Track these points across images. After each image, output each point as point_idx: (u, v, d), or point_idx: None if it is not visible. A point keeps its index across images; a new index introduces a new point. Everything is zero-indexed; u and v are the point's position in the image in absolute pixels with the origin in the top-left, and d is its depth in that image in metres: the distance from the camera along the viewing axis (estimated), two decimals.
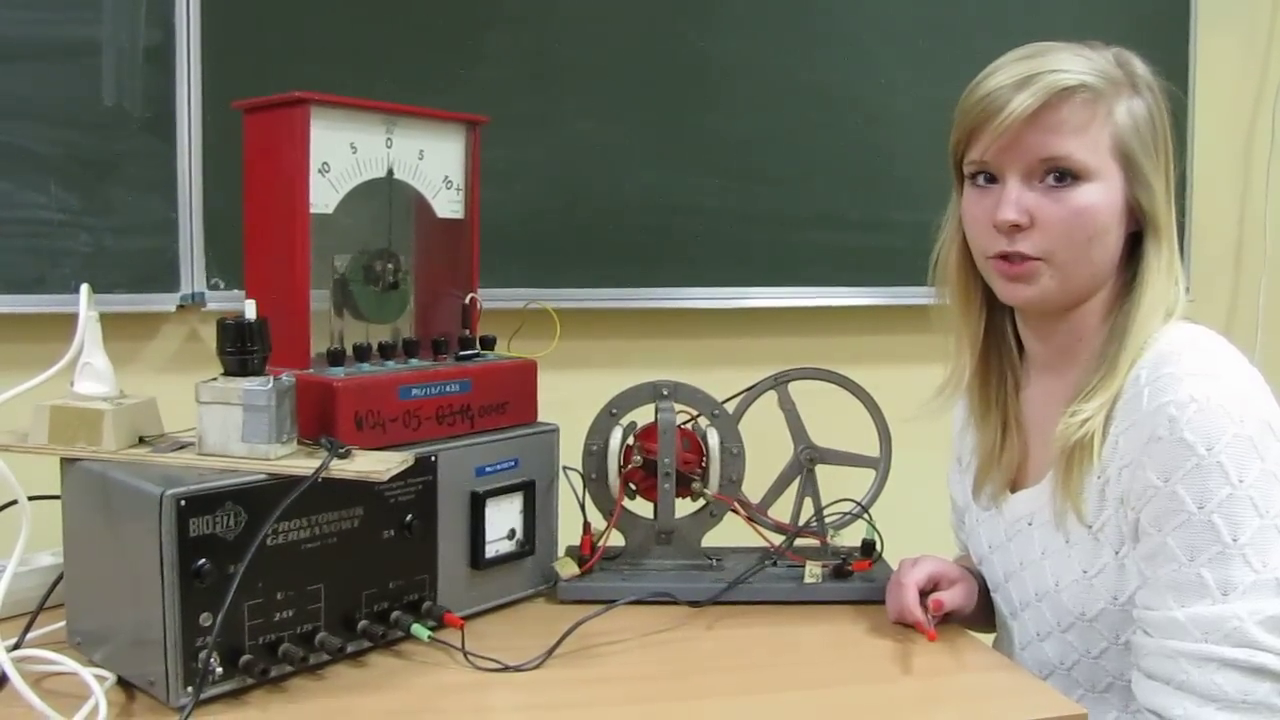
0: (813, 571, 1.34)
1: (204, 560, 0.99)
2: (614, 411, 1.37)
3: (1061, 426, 1.13)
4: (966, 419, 1.36)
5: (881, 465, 1.42)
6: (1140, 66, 1.17)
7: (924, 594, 1.26)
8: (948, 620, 1.28)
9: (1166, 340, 1.12)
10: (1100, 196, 1.13)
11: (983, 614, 1.34)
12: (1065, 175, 1.13)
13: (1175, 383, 1.06)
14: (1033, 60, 1.15)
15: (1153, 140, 1.15)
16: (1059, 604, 1.19)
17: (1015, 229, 1.16)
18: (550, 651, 1.15)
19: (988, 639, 1.31)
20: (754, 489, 1.39)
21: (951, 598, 1.27)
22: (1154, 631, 1.07)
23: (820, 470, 1.41)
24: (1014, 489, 1.28)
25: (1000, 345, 1.30)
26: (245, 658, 1.03)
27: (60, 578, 1.16)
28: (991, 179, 1.18)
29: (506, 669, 1.12)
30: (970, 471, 1.35)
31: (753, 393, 1.41)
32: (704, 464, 1.35)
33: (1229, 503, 1.02)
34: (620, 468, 1.35)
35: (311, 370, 1.18)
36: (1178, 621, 1.04)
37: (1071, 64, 1.14)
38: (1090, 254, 1.15)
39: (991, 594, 1.33)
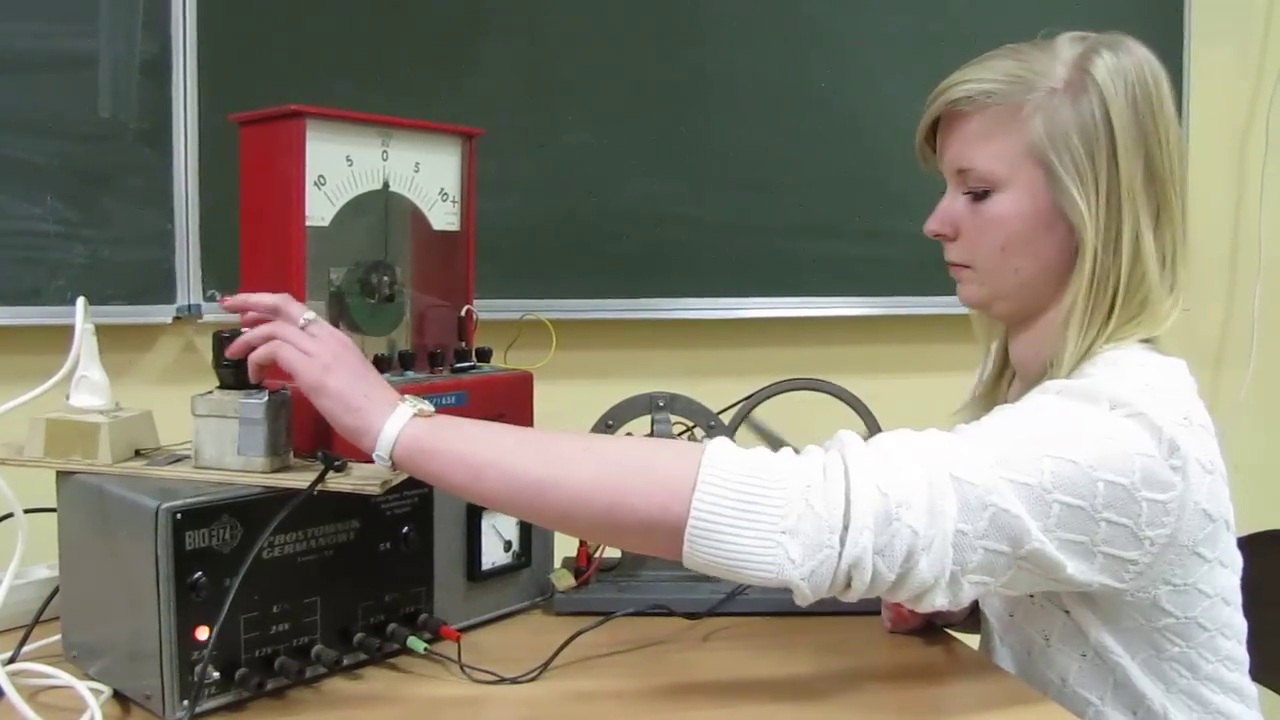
0: None
1: (200, 573, 0.99)
2: (610, 423, 1.37)
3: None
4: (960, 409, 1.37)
5: None
6: (1105, 67, 1.10)
7: None
8: (944, 626, 1.29)
9: (1104, 354, 1.09)
10: (1011, 205, 1.11)
11: (972, 619, 1.35)
12: (977, 185, 1.13)
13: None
14: (960, 70, 1.15)
15: (1086, 148, 1.08)
16: (991, 605, 1.22)
17: (942, 238, 1.18)
18: (547, 664, 1.15)
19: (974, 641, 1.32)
20: None
21: None
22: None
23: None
24: None
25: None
26: (241, 671, 1.02)
27: (56, 591, 1.16)
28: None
29: (503, 681, 1.12)
30: None
31: (749, 403, 1.41)
32: None
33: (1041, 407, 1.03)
34: None
35: None
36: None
37: (982, 72, 1.13)
38: (1009, 263, 1.13)
39: None
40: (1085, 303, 1.10)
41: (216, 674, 1.01)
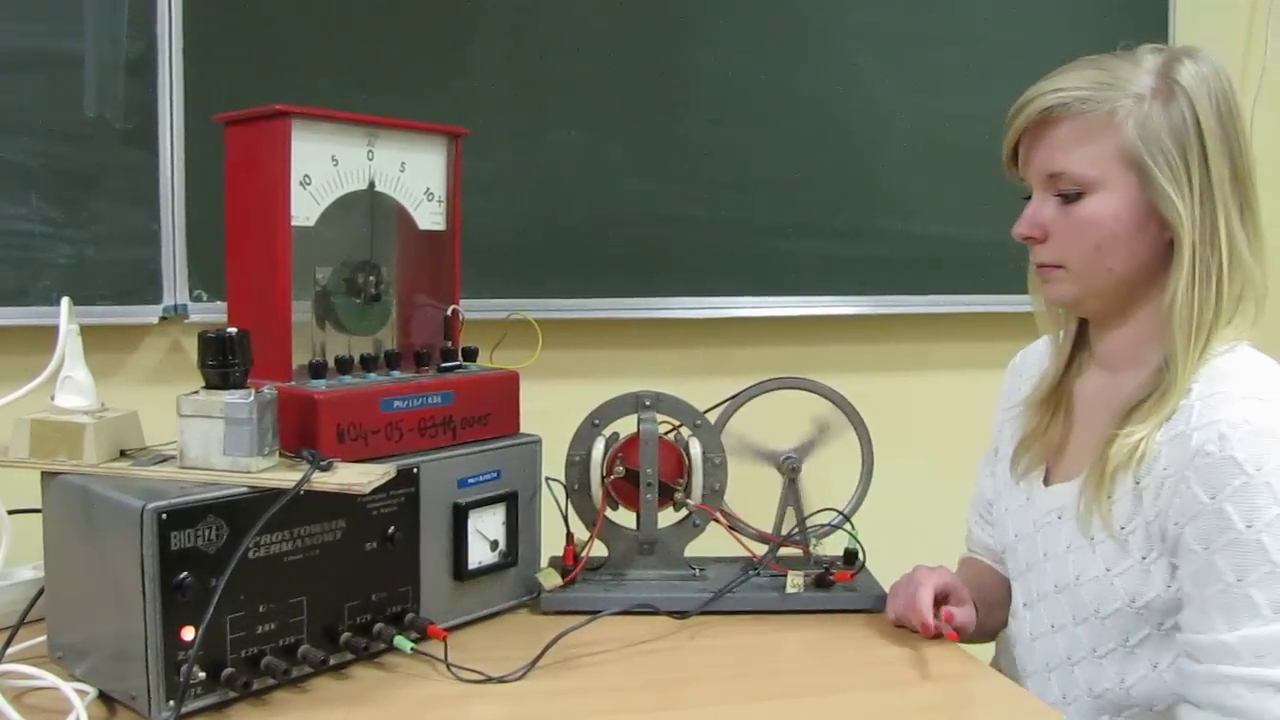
0: (794, 581, 1.34)
1: (185, 573, 0.99)
2: (596, 422, 1.37)
3: (1115, 446, 1.14)
4: (1014, 405, 1.39)
5: (863, 475, 1.43)
6: (1189, 74, 1.15)
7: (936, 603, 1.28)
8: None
9: (1223, 360, 1.13)
10: (1105, 206, 1.16)
11: (978, 630, 1.36)
12: (1070, 188, 1.17)
13: (1226, 402, 1.08)
14: (1046, 80, 1.19)
15: (1178, 149, 1.14)
16: (1077, 598, 1.20)
17: (1031, 240, 1.22)
18: (533, 663, 1.16)
19: (971, 649, 1.32)
20: (736, 498, 1.39)
21: (962, 614, 1.28)
22: (1204, 656, 1.07)
23: (804, 479, 1.41)
24: (1048, 480, 1.30)
25: (1082, 339, 1.33)
26: (227, 671, 1.03)
27: (41, 592, 1.16)
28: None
29: (489, 680, 1.12)
30: (1005, 460, 1.37)
31: (735, 403, 1.41)
32: (686, 474, 1.36)
33: (1277, 522, 1.03)
34: (603, 478, 1.35)
35: (293, 383, 1.18)
36: (1229, 645, 1.05)
37: (1070, 80, 1.17)
38: (1103, 261, 1.17)
39: (1012, 582, 1.35)
40: (1189, 296, 1.14)
41: (202, 674, 1.01)
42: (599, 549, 1.37)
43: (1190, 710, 1.09)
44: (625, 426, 1.38)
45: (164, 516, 0.98)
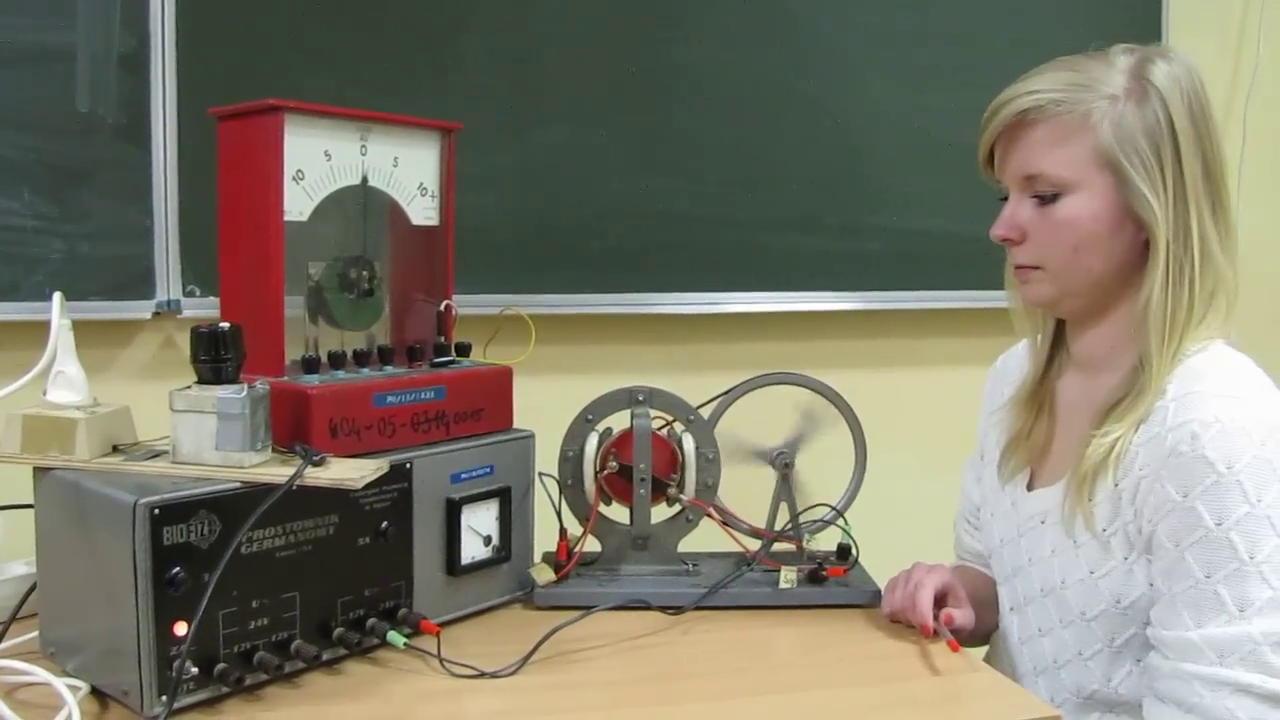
0: (788, 577, 1.34)
1: (178, 569, 0.99)
2: (590, 417, 1.37)
3: (1092, 447, 1.15)
4: (998, 409, 1.39)
5: (856, 471, 1.43)
6: (1162, 74, 1.15)
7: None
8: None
9: (1197, 359, 1.14)
10: (1082, 208, 1.16)
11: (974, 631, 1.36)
12: (1046, 189, 1.17)
13: (1200, 401, 1.08)
14: (1020, 82, 1.20)
15: (1153, 149, 1.14)
16: (1063, 600, 1.21)
17: (1009, 242, 1.22)
18: (526, 658, 1.16)
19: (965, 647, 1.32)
20: (729, 493, 1.39)
21: (961, 616, 1.28)
22: (1169, 653, 1.08)
23: (797, 475, 1.41)
24: (1032, 485, 1.30)
25: (1060, 340, 1.33)
26: (220, 666, 1.03)
27: (33, 587, 1.16)
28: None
29: (483, 675, 1.12)
30: (991, 465, 1.37)
31: (728, 398, 1.41)
32: (679, 469, 1.36)
33: (1247, 521, 1.03)
34: (596, 473, 1.35)
35: (286, 378, 1.18)
36: (1193, 643, 1.05)
37: (1044, 82, 1.17)
38: (1081, 262, 1.18)
39: (998, 586, 1.35)
40: (1164, 295, 1.15)
41: (195, 669, 1.01)
42: (592, 544, 1.37)
43: (1153, 703, 1.10)
44: (619, 422, 1.38)
45: (156, 512, 0.98)
